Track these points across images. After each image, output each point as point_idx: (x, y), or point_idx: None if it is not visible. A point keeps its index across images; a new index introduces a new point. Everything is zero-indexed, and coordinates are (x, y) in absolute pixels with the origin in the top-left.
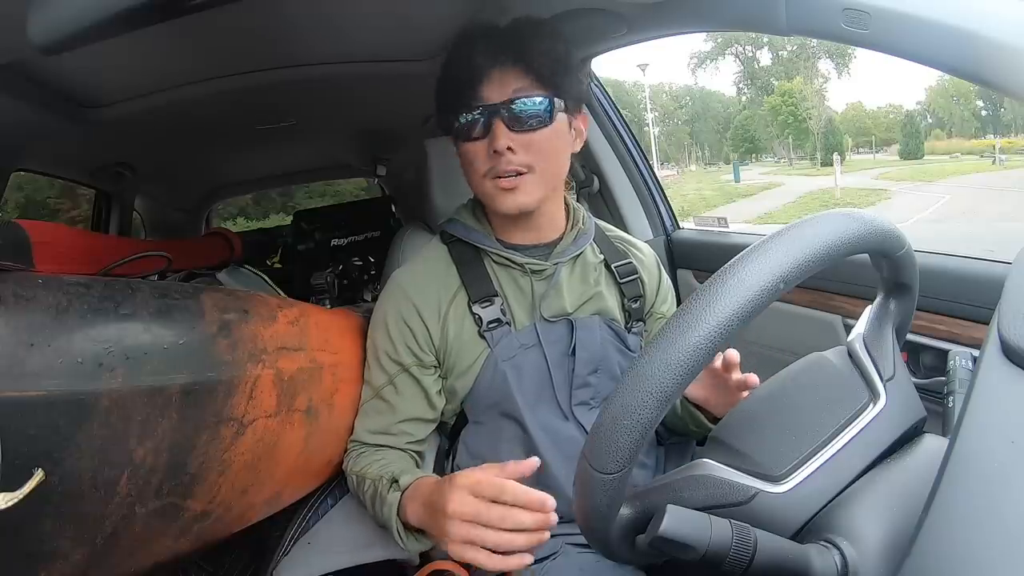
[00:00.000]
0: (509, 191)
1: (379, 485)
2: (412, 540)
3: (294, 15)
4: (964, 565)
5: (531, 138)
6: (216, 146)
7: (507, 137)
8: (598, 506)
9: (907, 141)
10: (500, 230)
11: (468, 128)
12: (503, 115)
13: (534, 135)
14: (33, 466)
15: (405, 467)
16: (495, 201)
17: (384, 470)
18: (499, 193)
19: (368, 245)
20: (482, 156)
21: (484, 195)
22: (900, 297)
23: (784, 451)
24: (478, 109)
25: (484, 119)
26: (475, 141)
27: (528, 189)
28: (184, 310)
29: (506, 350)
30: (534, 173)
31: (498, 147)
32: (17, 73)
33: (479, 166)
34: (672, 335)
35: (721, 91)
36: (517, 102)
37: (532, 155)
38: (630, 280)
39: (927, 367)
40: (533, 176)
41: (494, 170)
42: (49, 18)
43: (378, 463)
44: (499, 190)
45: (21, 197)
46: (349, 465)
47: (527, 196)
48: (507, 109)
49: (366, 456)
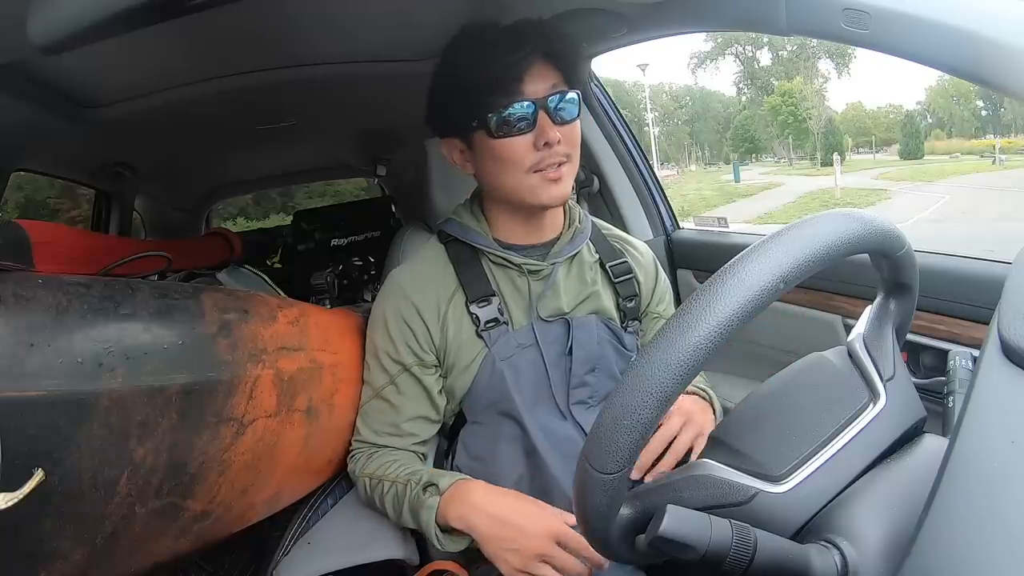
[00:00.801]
0: (555, 182)
1: (409, 488)
2: (450, 540)
3: (294, 15)
4: (964, 565)
5: (570, 130)
6: (216, 146)
7: (555, 129)
8: (598, 506)
9: (907, 141)
10: (499, 230)
11: (511, 123)
12: (549, 108)
13: (573, 127)
14: (33, 466)
15: (430, 469)
16: (541, 194)
17: (408, 473)
18: (546, 185)
19: (368, 245)
20: (526, 150)
21: (527, 189)
22: (900, 297)
23: (784, 451)
24: (524, 103)
25: (530, 113)
26: (518, 136)
27: (568, 179)
28: (184, 310)
29: (504, 350)
30: (571, 163)
31: (550, 138)
32: (17, 73)
33: (524, 160)
34: (672, 335)
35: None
36: (557, 96)
37: (571, 146)
38: (625, 279)
39: (927, 367)
40: (570, 166)
41: (542, 163)
42: (49, 18)
43: (395, 464)
44: (546, 182)
45: (21, 197)
46: (358, 468)
47: (567, 186)
48: (552, 102)
49: (378, 458)
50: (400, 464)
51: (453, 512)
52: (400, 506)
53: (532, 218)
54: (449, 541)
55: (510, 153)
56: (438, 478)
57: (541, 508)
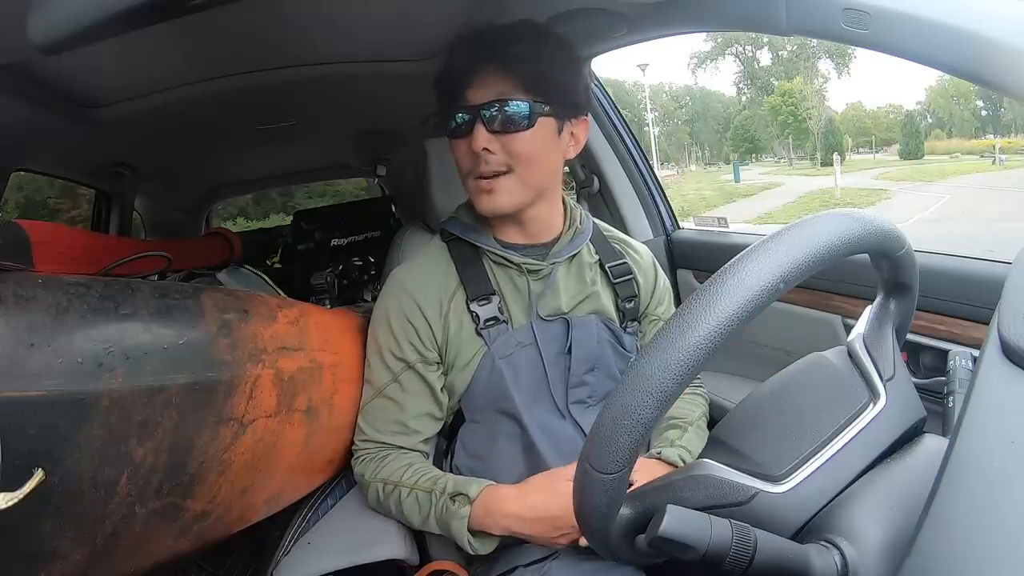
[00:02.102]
0: (486, 192)
1: (434, 497)
2: (481, 544)
3: (294, 15)
4: (964, 565)
5: (510, 140)
6: (216, 146)
7: (485, 139)
8: (598, 506)
9: (907, 141)
10: (498, 230)
11: (455, 128)
12: (482, 116)
13: (514, 137)
14: (33, 466)
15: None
16: (475, 201)
17: (428, 479)
18: (478, 193)
19: (368, 245)
20: (465, 155)
21: (471, 194)
22: (900, 297)
23: (784, 451)
24: (462, 110)
25: (467, 120)
26: (460, 140)
27: (507, 191)
28: (184, 310)
29: (503, 348)
30: (514, 175)
31: (475, 147)
32: (17, 73)
33: (463, 165)
34: (672, 335)
35: (721, 91)
36: (495, 105)
37: (512, 157)
38: (624, 280)
39: (927, 367)
40: (513, 178)
41: (475, 170)
42: (49, 18)
43: (409, 469)
44: (479, 190)
45: (21, 197)
46: (368, 472)
47: (504, 198)
48: (486, 111)
49: (390, 462)
50: (414, 468)
51: (491, 523)
52: (425, 514)
53: (508, 221)
54: (481, 544)
55: (457, 156)
56: (464, 487)
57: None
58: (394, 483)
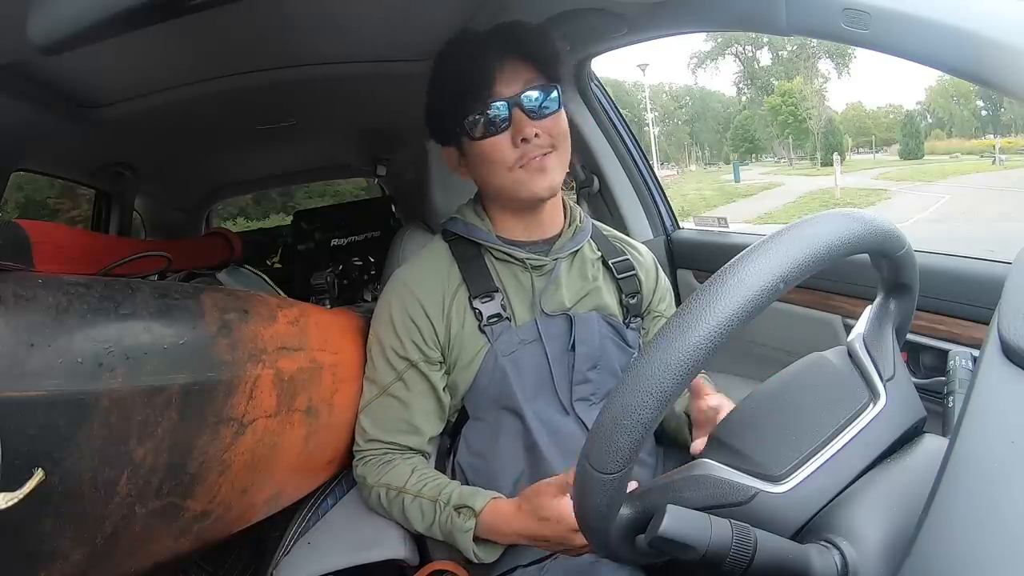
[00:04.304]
0: (541, 171)
1: (439, 508)
2: (486, 552)
3: (294, 15)
4: (964, 565)
5: (551, 122)
6: (216, 146)
7: (530, 124)
8: (598, 506)
9: (907, 141)
10: (502, 227)
11: (488, 124)
12: (522, 104)
13: (554, 118)
14: (33, 466)
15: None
16: (531, 186)
17: (432, 488)
18: (533, 176)
19: (368, 245)
20: (507, 148)
21: (512, 185)
22: (900, 297)
23: (784, 451)
24: (497, 103)
25: (504, 112)
26: (497, 135)
27: (555, 168)
28: (184, 310)
29: (506, 345)
30: (557, 152)
31: (526, 134)
32: (17, 73)
33: (507, 158)
34: (672, 335)
35: (721, 91)
36: (530, 91)
37: (554, 137)
38: (627, 276)
39: (927, 367)
40: (557, 155)
41: (524, 157)
42: (49, 18)
43: (413, 474)
44: (532, 172)
45: (21, 197)
46: (371, 476)
47: (557, 174)
48: (526, 99)
49: (394, 468)
50: (419, 474)
51: (498, 537)
52: (428, 522)
53: (530, 214)
54: (486, 553)
55: (493, 153)
56: (470, 499)
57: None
58: (398, 489)
